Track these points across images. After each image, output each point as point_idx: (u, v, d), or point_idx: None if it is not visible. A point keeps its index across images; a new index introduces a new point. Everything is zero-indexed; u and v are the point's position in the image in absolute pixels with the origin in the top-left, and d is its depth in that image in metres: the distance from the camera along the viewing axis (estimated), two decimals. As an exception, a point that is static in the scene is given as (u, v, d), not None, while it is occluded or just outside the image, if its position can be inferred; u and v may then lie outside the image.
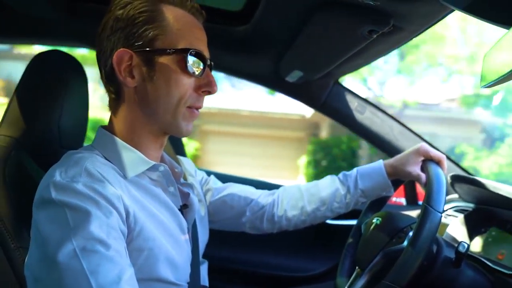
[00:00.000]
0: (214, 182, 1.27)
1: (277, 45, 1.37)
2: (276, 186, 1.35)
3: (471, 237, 1.21)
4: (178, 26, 0.87)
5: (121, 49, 0.86)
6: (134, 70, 0.87)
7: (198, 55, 0.88)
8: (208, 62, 0.91)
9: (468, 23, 9.34)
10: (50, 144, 1.05)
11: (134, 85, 0.88)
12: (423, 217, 0.88)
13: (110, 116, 0.94)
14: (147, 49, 0.86)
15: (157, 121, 0.90)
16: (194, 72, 0.88)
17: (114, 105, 0.93)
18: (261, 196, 1.25)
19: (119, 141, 0.90)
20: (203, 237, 1.12)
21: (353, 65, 1.44)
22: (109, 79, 0.90)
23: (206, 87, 0.91)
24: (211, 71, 0.94)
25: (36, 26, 1.50)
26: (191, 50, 0.86)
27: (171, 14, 0.88)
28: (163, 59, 0.86)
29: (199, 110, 0.94)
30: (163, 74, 0.86)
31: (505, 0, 0.69)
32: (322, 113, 1.71)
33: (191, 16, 0.91)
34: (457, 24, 9.59)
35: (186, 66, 0.86)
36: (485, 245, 1.16)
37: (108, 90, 0.92)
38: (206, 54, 0.91)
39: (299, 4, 1.05)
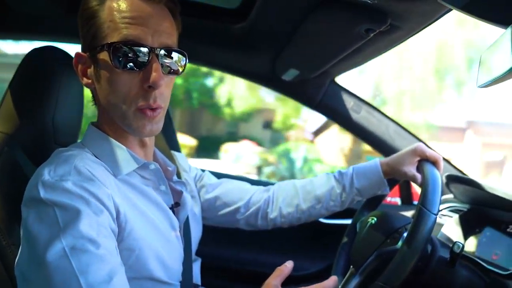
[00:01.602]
0: (208, 178, 1.26)
1: (273, 44, 1.37)
2: (271, 183, 1.34)
3: (466, 237, 1.21)
4: (112, 18, 0.80)
5: (77, 52, 0.86)
6: (88, 71, 0.86)
7: (132, 46, 0.78)
8: (157, 52, 0.80)
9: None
10: (44, 140, 1.04)
11: (92, 87, 0.87)
12: (418, 218, 0.88)
13: (97, 113, 0.94)
14: (90, 48, 0.83)
15: (116, 121, 0.88)
16: (124, 67, 0.79)
17: (95, 103, 0.93)
18: (256, 193, 1.25)
19: (108, 138, 0.89)
20: (196, 234, 1.11)
21: (349, 63, 1.44)
22: (81, 80, 0.90)
23: (147, 81, 0.80)
24: (185, 62, 0.87)
25: (33, 23, 1.50)
26: (117, 43, 0.78)
27: (113, 4, 0.80)
28: (101, 57, 0.82)
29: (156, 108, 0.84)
30: (104, 74, 0.83)
31: (503, 0, 0.69)
32: (318, 112, 1.71)
33: (144, 1, 0.81)
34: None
35: (116, 61, 0.79)
36: (479, 246, 1.16)
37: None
38: (154, 41, 0.80)
39: (296, 2, 1.05)
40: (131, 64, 0.79)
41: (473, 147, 14.40)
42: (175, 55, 0.85)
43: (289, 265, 0.78)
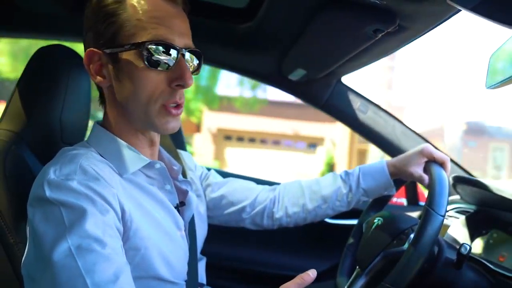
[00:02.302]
0: (214, 177, 1.26)
1: (280, 43, 1.37)
2: (277, 183, 1.34)
3: (472, 239, 1.21)
4: (138, 16, 0.80)
5: (89, 49, 0.84)
6: (104, 69, 0.85)
7: (164, 46, 0.80)
8: (183, 52, 0.83)
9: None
10: (51, 138, 1.04)
11: (108, 85, 0.86)
12: (425, 220, 0.88)
13: (103, 112, 0.93)
14: (110, 46, 0.82)
15: (134, 119, 0.88)
16: (160, 66, 0.81)
17: (101, 103, 0.93)
18: (262, 192, 1.25)
19: (114, 137, 0.89)
20: (201, 233, 1.11)
21: (356, 64, 1.43)
22: (92, 78, 0.89)
23: (178, 80, 0.83)
24: (200, 63, 0.89)
25: (39, 21, 1.50)
26: (149, 42, 0.79)
27: (135, 2, 0.81)
28: (126, 56, 0.81)
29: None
30: (127, 72, 0.82)
31: (513, 1, 0.68)
32: (324, 112, 1.71)
33: (162, 1, 0.83)
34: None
35: (147, 60, 0.80)
36: (486, 247, 1.16)
37: (97, 89, 0.92)
38: (180, 42, 0.83)
39: (304, 2, 1.05)
40: (161, 63, 0.81)
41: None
42: (193, 56, 0.88)
43: (312, 274, 0.75)
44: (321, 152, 16.83)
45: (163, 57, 0.81)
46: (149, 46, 0.80)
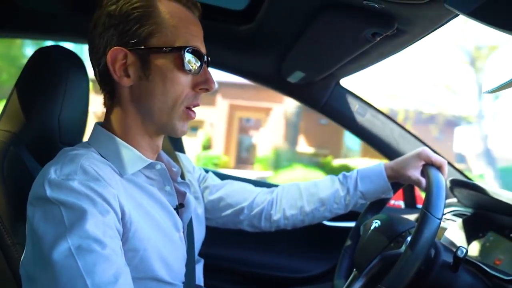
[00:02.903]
0: (212, 179, 1.27)
1: (279, 46, 1.37)
2: (275, 185, 1.35)
3: (469, 242, 1.21)
4: (174, 23, 0.85)
5: (115, 47, 0.84)
6: (129, 68, 0.85)
7: (195, 53, 0.86)
8: (205, 59, 0.89)
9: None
10: (49, 139, 1.04)
11: (130, 84, 0.86)
12: (422, 223, 0.88)
13: (106, 113, 0.93)
14: (142, 47, 0.83)
15: (152, 121, 0.89)
16: (191, 70, 0.86)
17: (109, 104, 0.91)
18: (260, 194, 1.25)
19: (115, 138, 0.89)
20: (199, 235, 1.11)
21: (355, 66, 1.44)
22: (103, 78, 0.88)
23: (204, 84, 0.89)
24: (208, 67, 0.92)
25: (40, 21, 1.50)
26: (188, 48, 0.84)
27: (166, 9, 0.85)
28: (159, 57, 0.84)
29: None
30: (159, 73, 0.84)
31: (510, 6, 0.69)
32: (323, 114, 1.71)
33: (187, 10, 0.89)
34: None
35: (183, 65, 0.84)
36: (482, 250, 1.16)
37: (102, 89, 0.91)
38: (203, 50, 0.89)
39: (303, 5, 1.05)
40: (193, 68, 0.86)
41: (222, 108, 16.53)
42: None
43: None
44: (201, 135, 17.36)
45: (194, 63, 0.86)
46: (187, 52, 0.84)
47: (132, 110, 0.89)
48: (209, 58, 0.92)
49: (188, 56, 0.84)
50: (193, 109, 0.91)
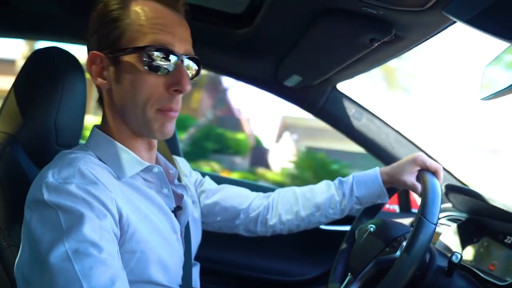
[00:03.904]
0: (208, 183, 1.27)
1: (277, 50, 1.37)
2: (271, 189, 1.35)
3: (464, 247, 1.22)
4: (141, 22, 0.83)
5: (92, 52, 0.85)
6: (105, 72, 0.86)
7: (164, 51, 0.82)
8: (182, 58, 0.85)
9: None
10: (46, 141, 1.04)
11: (107, 88, 0.87)
12: (417, 228, 0.89)
13: (102, 115, 0.94)
14: (113, 50, 0.84)
15: (131, 123, 0.89)
16: (157, 70, 0.82)
17: (101, 107, 0.93)
18: (256, 199, 1.25)
19: (112, 141, 0.89)
20: (196, 239, 1.11)
21: (352, 72, 1.44)
22: (93, 80, 0.90)
23: (176, 85, 0.85)
24: (199, 69, 0.91)
25: (37, 22, 1.49)
26: (150, 47, 0.81)
27: (138, 9, 0.83)
28: (127, 59, 0.83)
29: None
30: (127, 75, 0.84)
31: (508, 15, 0.70)
32: (319, 119, 1.71)
33: (167, 8, 0.85)
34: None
35: (147, 65, 0.82)
36: (477, 255, 1.17)
37: (98, 92, 0.93)
38: (180, 48, 0.85)
39: (301, 10, 1.06)
40: (160, 68, 0.83)
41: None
42: (193, 62, 0.90)
43: None
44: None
45: (163, 62, 0.83)
46: (149, 51, 0.81)
47: (115, 114, 0.90)
48: (197, 58, 0.90)
49: (155, 56, 0.82)
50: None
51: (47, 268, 0.68)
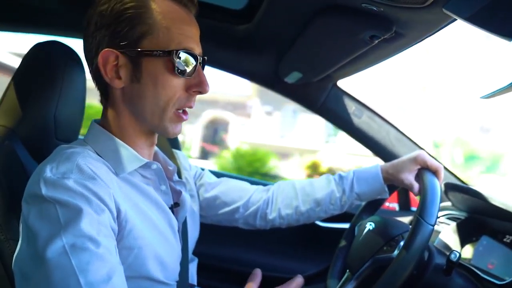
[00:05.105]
0: (208, 177, 1.26)
1: (277, 46, 1.37)
2: (271, 183, 1.34)
3: (462, 245, 1.22)
4: (166, 24, 0.82)
5: (106, 49, 0.82)
6: (121, 70, 0.84)
7: (188, 54, 0.84)
8: (200, 60, 0.87)
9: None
10: (45, 135, 1.04)
11: (121, 86, 0.85)
12: (415, 229, 0.89)
13: (102, 111, 0.93)
14: (133, 49, 0.82)
15: (145, 122, 0.88)
16: (183, 73, 0.84)
17: (104, 103, 0.91)
18: (256, 193, 1.25)
19: (112, 137, 0.89)
20: (194, 233, 1.11)
21: (352, 69, 1.44)
22: (96, 78, 0.88)
23: (197, 87, 0.87)
24: (203, 68, 0.91)
25: (37, 16, 1.49)
26: (180, 51, 0.82)
27: (159, 9, 0.83)
28: (151, 60, 0.82)
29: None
30: (150, 76, 0.83)
31: (509, 12, 0.69)
32: (319, 115, 1.71)
33: (182, 8, 0.86)
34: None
35: (174, 68, 0.82)
36: (475, 254, 1.17)
37: (97, 88, 0.91)
38: (198, 50, 0.87)
39: (302, 6, 1.05)
40: (186, 71, 0.84)
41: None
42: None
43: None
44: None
45: (187, 66, 0.84)
46: (180, 55, 0.82)
47: (125, 111, 0.88)
48: (205, 58, 0.91)
49: (180, 59, 0.83)
50: (186, 109, 0.89)
51: (44, 262, 0.68)
